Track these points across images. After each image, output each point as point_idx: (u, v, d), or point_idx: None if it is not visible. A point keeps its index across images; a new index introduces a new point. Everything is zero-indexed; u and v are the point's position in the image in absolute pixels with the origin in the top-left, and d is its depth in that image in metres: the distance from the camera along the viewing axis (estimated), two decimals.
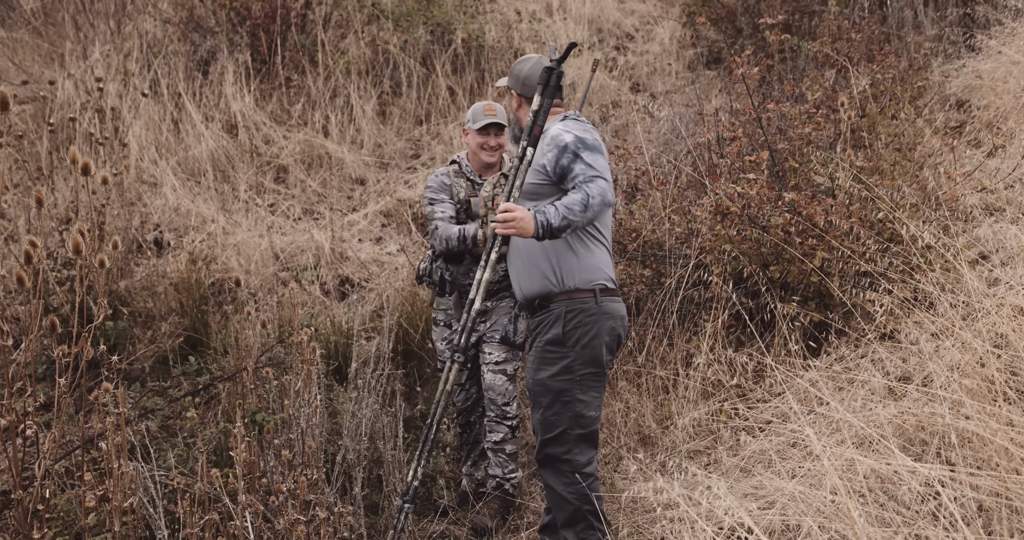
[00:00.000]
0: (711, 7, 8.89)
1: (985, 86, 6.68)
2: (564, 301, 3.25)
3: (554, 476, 3.26)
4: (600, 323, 3.24)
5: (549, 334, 3.26)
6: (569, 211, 3.04)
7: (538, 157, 3.26)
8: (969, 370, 3.30)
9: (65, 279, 5.09)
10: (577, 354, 3.22)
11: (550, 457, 3.26)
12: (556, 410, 3.23)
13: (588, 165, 3.11)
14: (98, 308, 3.16)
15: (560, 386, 3.22)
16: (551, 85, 3.21)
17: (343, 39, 8.54)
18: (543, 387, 3.25)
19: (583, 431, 3.24)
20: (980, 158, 5.75)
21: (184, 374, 4.82)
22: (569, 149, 3.16)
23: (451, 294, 3.98)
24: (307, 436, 3.66)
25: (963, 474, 2.71)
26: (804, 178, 4.82)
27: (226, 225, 6.48)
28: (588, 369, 3.23)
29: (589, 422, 3.25)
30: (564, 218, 3.03)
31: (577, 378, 3.22)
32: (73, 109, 7.31)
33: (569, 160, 3.15)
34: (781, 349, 4.26)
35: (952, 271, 4.10)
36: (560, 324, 3.23)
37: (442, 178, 4.02)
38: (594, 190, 3.06)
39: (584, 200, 3.04)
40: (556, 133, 3.24)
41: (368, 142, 7.76)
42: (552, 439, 3.24)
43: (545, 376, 3.25)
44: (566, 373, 3.22)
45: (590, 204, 3.04)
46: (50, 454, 3.08)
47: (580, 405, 3.22)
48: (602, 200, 3.07)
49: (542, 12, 9.88)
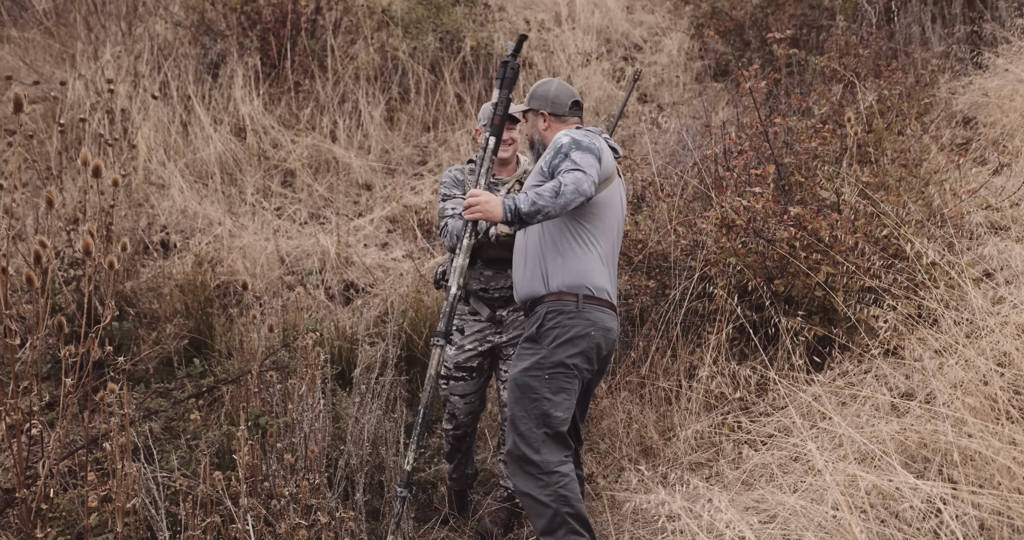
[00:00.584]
0: (719, 20, 8.92)
1: (991, 104, 6.69)
2: (547, 302, 3.33)
3: (526, 480, 3.23)
4: (578, 327, 3.28)
5: (528, 331, 3.36)
6: (539, 197, 3.10)
7: (540, 161, 3.40)
8: (972, 388, 3.31)
9: (72, 279, 5.11)
10: (549, 352, 3.27)
11: (519, 458, 3.25)
12: (524, 406, 3.26)
13: (573, 161, 3.19)
14: (105, 309, 3.18)
15: (529, 382, 3.27)
16: (507, 78, 3.46)
17: (352, 45, 8.58)
18: (514, 382, 3.31)
19: (550, 431, 3.25)
20: (986, 176, 5.76)
21: (188, 376, 4.84)
22: (562, 150, 3.27)
23: (463, 299, 3.92)
24: (310, 440, 3.67)
25: (965, 492, 2.71)
26: (810, 192, 4.84)
27: (232, 228, 6.50)
28: (557, 369, 3.27)
29: (557, 423, 3.25)
30: (533, 203, 3.09)
31: (546, 376, 3.26)
32: (83, 110, 7.35)
33: (560, 159, 3.26)
34: (784, 363, 4.26)
35: (956, 288, 4.11)
36: (538, 322, 3.31)
37: (456, 173, 3.99)
38: (568, 179, 3.12)
39: (556, 187, 3.10)
40: (557, 138, 3.35)
41: (375, 148, 7.79)
42: (520, 437, 3.25)
43: (517, 371, 3.31)
44: (536, 369, 3.26)
45: (562, 191, 3.09)
46: (54, 453, 3.09)
47: (547, 404, 3.24)
48: (575, 188, 3.10)
49: (551, 22, 9.91)
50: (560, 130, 3.53)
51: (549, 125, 3.57)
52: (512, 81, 3.45)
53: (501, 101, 3.42)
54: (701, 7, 9.41)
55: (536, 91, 3.61)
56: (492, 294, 3.86)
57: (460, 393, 3.94)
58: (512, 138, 3.92)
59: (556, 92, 3.56)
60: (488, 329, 3.89)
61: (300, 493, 3.23)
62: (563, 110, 3.56)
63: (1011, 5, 8.15)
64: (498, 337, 3.89)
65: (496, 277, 3.83)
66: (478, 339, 3.90)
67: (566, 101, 3.56)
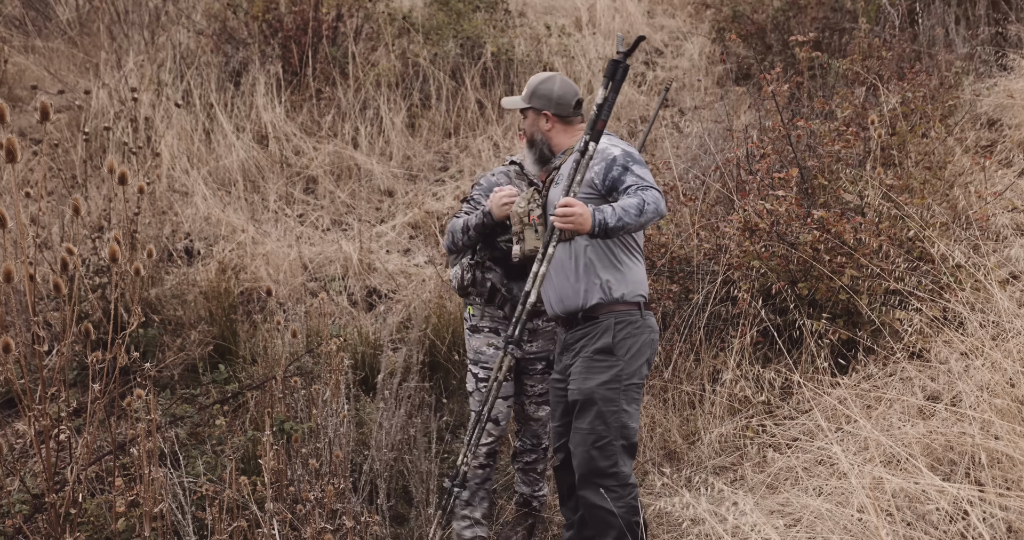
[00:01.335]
0: (741, 23, 8.89)
1: (1017, 105, 6.63)
2: (612, 313, 3.26)
3: (598, 494, 3.18)
4: (644, 335, 3.29)
5: (599, 343, 3.25)
6: (625, 213, 3.00)
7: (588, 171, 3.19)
8: (999, 390, 3.28)
9: (98, 286, 5.16)
10: (626, 363, 3.23)
11: (597, 472, 3.20)
12: (604, 420, 3.20)
13: (640, 176, 3.11)
14: (131, 315, 3.22)
15: (609, 395, 3.21)
16: (617, 78, 3.09)
17: (373, 52, 8.63)
18: (590, 396, 3.22)
19: (627, 442, 3.23)
20: (1011, 178, 5.71)
21: (213, 382, 4.88)
22: (618, 161, 3.16)
23: (501, 307, 3.79)
24: (334, 446, 3.69)
25: (992, 494, 2.69)
26: (833, 195, 4.81)
27: (256, 235, 6.55)
28: (633, 380, 3.25)
29: (632, 434, 3.24)
30: (620, 219, 3.00)
31: (623, 388, 3.22)
32: (107, 118, 7.43)
33: (619, 172, 3.14)
34: (809, 366, 4.24)
35: (982, 291, 4.07)
36: (610, 334, 3.24)
37: (499, 178, 3.79)
38: (650, 197, 3.04)
39: (640, 205, 3.01)
40: (602, 147, 3.21)
41: (397, 154, 7.82)
42: (599, 451, 3.19)
43: (595, 385, 3.22)
44: (615, 382, 3.22)
45: (645, 209, 3.01)
46: (82, 459, 3.13)
47: (625, 416, 3.22)
48: (656, 208, 3.04)
49: (571, 27, 9.92)
50: (565, 131, 3.42)
51: (553, 126, 3.41)
52: (621, 83, 3.14)
53: (607, 104, 3.11)
54: (722, 11, 9.38)
55: (538, 89, 3.40)
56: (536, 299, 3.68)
57: (503, 395, 3.82)
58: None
59: (560, 91, 3.38)
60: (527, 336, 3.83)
61: (325, 498, 3.24)
62: (568, 111, 3.40)
63: None
64: (529, 346, 3.82)
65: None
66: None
67: (571, 101, 3.40)
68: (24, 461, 4.11)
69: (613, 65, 3.08)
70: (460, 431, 4.74)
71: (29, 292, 3.04)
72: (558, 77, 3.43)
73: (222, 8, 8.70)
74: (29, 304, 3.02)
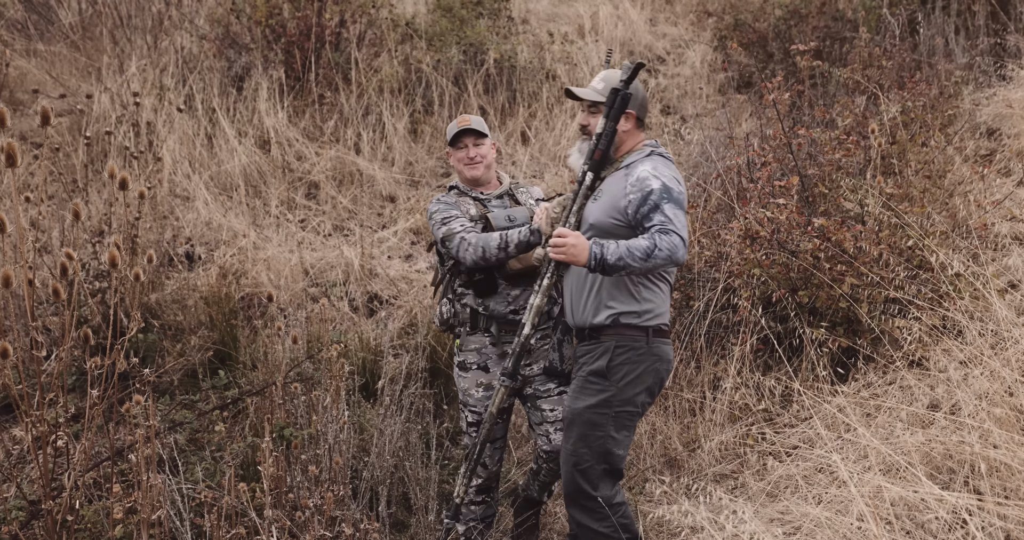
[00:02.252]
0: (743, 32, 8.92)
1: (1016, 115, 6.65)
2: (615, 336, 3.15)
3: (584, 514, 3.17)
4: (647, 363, 3.15)
5: (594, 365, 3.17)
6: (629, 255, 2.92)
7: (618, 196, 3.09)
8: (998, 399, 3.28)
9: (97, 291, 5.17)
10: (618, 390, 3.13)
11: (578, 493, 3.18)
12: (587, 443, 3.15)
13: (667, 218, 2.96)
14: (131, 321, 3.21)
15: (595, 419, 3.14)
16: (616, 108, 3.06)
17: (376, 57, 8.65)
18: (577, 417, 3.17)
19: (609, 467, 3.17)
20: (1010, 187, 5.72)
21: (213, 388, 4.87)
22: (652, 197, 3.00)
23: (487, 330, 3.61)
24: (334, 452, 3.69)
25: (991, 503, 2.69)
26: (834, 204, 4.82)
27: (257, 240, 6.56)
28: (625, 408, 3.15)
29: (617, 460, 3.17)
30: (621, 259, 2.93)
31: (613, 414, 3.13)
32: (109, 123, 7.44)
33: (649, 209, 3.00)
34: (809, 374, 4.24)
35: (981, 299, 4.08)
36: (607, 357, 3.14)
37: (446, 199, 3.66)
38: (664, 243, 2.92)
39: (649, 249, 2.91)
40: (644, 176, 3.07)
41: (399, 160, 7.84)
42: (581, 473, 3.16)
43: (582, 406, 3.16)
44: (604, 407, 3.13)
45: (654, 255, 2.91)
46: (79, 465, 3.13)
47: (611, 442, 3.14)
48: (669, 255, 2.92)
49: (574, 34, 9.94)
50: (633, 136, 3.24)
51: (631, 128, 3.23)
52: (620, 112, 3.08)
53: (606, 133, 3.06)
54: (724, 19, 9.41)
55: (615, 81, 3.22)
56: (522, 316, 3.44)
57: (491, 439, 3.62)
58: (480, 155, 3.63)
59: (644, 94, 3.23)
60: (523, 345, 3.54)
61: (325, 505, 3.24)
62: (645, 114, 3.27)
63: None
64: (528, 370, 3.61)
65: (524, 295, 3.55)
66: None
67: (648, 105, 3.29)
68: (21, 467, 4.10)
69: (613, 94, 3.06)
70: (460, 438, 4.74)
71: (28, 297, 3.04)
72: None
73: (225, 13, 8.73)
74: (28, 309, 3.02)
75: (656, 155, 3.19)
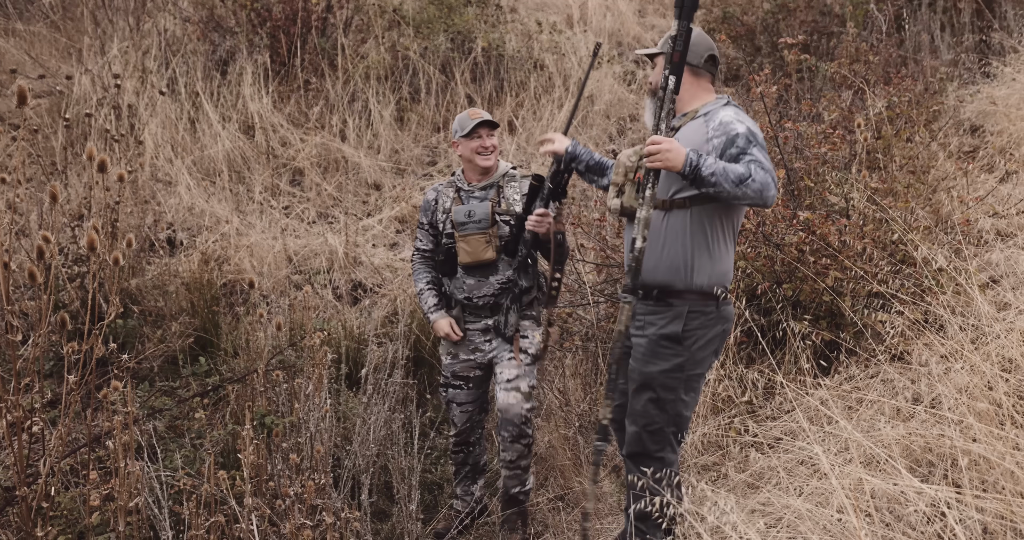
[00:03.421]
0: (731, 25, 8.92)
1: (999, 112, 6.69)
2: (688, 301, 3.12)
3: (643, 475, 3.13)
4: (717, 326, 3.15)
5: (667, 329, 3.12)
6: (724, 174, 2.84)
7: (699, 142, 3.04)
8: (977, 393, 3.30)
9: (76, 276, 5.11)
10: (691, 354, 3.12)
11: (643, 454, 3.17)
12: (660, 406, 3.14)
13: (758, 159, 2.90)
14: (110, 306, 3.17)
15: (669, 383, 3.13)
16: (687, 6, 2.94)
17: (363, 44, 8.58)
18: (651, 381, 3.15)
19: (679, 430, 3.18)
20: (993, 183, 5.76)
21: (193, 374, 4.84)
22: (739, 140, 2.96)
23: (451, 307, 3.96)
24: (316, 440, 3.67)
25: (969, 496, 2.70)
26: (819, 198, 4.83)
27: (240, 226, 6.50)
28: (696, 370, 3.15)
29: (685, 422, 3.19)
30: (715, 174, 2.84)
31: (685, 377, 3.13)
32: (89, 105, 7.34)
33: (739, 150, 2.95)
34: (792, 367, 4.25)
35: (963, 294, 4.10)
36: (681, 322, 3.11)
37: (430, 194, 4.00)
38: (759, 175, 2.85)
39: (744, 176, 2.84)
40: (727, 119, 3.03)
41: (385, 147, 7.79)
42: (650, 434, 3.16)
43: (655, 371, 3.13)
44: (677, 371, 3.12)
45: (747, 183, 2.84)
46: (55, 451, 3.08)
47: (681, 405, 3.15)
48: (761, 189, 2.85)
49: (563, 24, 9.91)
50: (691, 85, 3.18)
51: (694, 80, 3.19)
52: (692, 9, 2.94)
53: (680, 34, 2.93)
54: (712, 12, 9.40)
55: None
56: (476, 302, 3.87)
57: (458, 401, 4.00)
58: (494, 145, 3.84)
59: (695, 39, 3.13)
60: (479, 338, 3.93)
61: (305, 493, 3.22)
62: (698, 60, 3.17)
63: (1020, 15, 8.14)
64: (488, 345, 3.92)
65: (479, 285, 3.85)
66: (471, 349, 3.94)
67: (703, 52, 3.18)
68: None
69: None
70: (443, 427, 4.73)
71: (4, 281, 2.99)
72: (696, 28, 3.17)
73: None
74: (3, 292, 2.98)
75: (732, 105, 3.14)
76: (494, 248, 3.80)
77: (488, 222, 3.81)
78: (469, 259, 3.81)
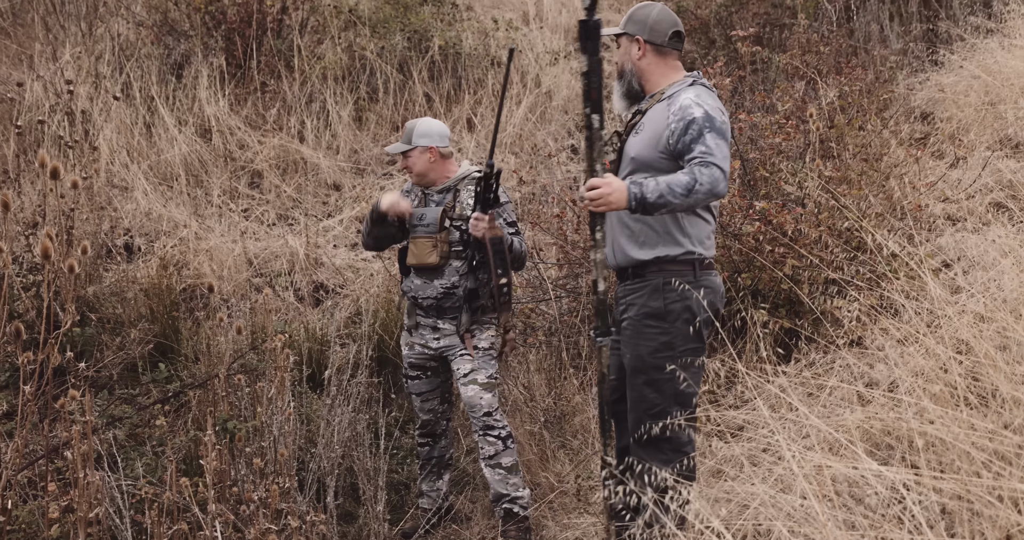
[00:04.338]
0: (685, 18, 8.96)
1: (948, 99, 6.81)
2: (659, 273, 3.07)
3: (653, 455, 3.10)
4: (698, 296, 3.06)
5: (649, 306, 3.07)
6: (670, 191, 2.83)
7: (660, 127, 3.02)
8: (933, 376, 3.35)
9: (31, 284, 5.03)
10: (678, 330, 3.05)
11: (650, 438, 3.09)
12: (656, 388, 3.08)
13: (708, 149, 2.88)
14: (66, 314, 3.13)
15: (660, 363, 3.05)
16: (592, 39, 2.84)
17: (319, 45, 8.53)
18: (640, 363, 3.10)
19: (683, 408, 3.10)
20: (943, 169, 5.86)
21: (154, 381, 4.78)
22: (694, 125, 2.93)
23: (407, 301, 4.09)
24: (279, 444, 3.64)
25: (927, 477, 2.74)
26: (774, 187, 4.88)
27: (199, 230, 6.44)
28: (689, 344, 3.08)
29: (688, 398, 3.11)
30: (662, 197, 2.82)
31: (678, 354, 3.06)
32: (42, 111, 7.21)
33: (691, 138, 2.92)
34: (752, 356, 4.30)
35: (916, 279, 4.16)
36: (660, 296, 3.05)
37: (406, 186, 4.16)
38: (704, 177, 2.83)
39: (690, 184, 2.82)
40: (687, 104, 2.99)
41: (344, 148, 7.75)
42: (653, 417, 3.08)
43: (644, 352, 3.08)
44: (667, 349, 3.06)
45: (695, 190, 2.82)
46: (12, 464, 3.04)
47: (679, 382, 3.05)
48: (710, 189, 2.84)
49: (519, 21, 9.92)
50: (658, 65, 3.18)
51: (644, 54, 3.17)
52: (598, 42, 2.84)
53: (592, 69, 2.86)
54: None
55: (634, 14, 3.20)
56: (421, 303, 3.96)
57: (418, 392, 4.09)
58: (406, 167, 3.96)
59: (657, 17, 3.13)
60: (428, 333, 4.00)
61: (270, 497, 3.20)
62: (662, 39, 3.14)
63: (965, 4, 8.30)
64: (436, 342, 3.98)
65: (424, 287, 3.92)
66: (423, 340, 4.02)
67: (667, 29, 3.15)
68: None
69: (583, 26, 2.84)
70: (409, 427, 4.72)
71: None
72: (658, 4, 3.19)
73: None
74: None
75: (699, 85, 3.12)
76: (439, 254, 3.84)
77: (436, 227, 3.86)
78: (415, 261, 3.90)
